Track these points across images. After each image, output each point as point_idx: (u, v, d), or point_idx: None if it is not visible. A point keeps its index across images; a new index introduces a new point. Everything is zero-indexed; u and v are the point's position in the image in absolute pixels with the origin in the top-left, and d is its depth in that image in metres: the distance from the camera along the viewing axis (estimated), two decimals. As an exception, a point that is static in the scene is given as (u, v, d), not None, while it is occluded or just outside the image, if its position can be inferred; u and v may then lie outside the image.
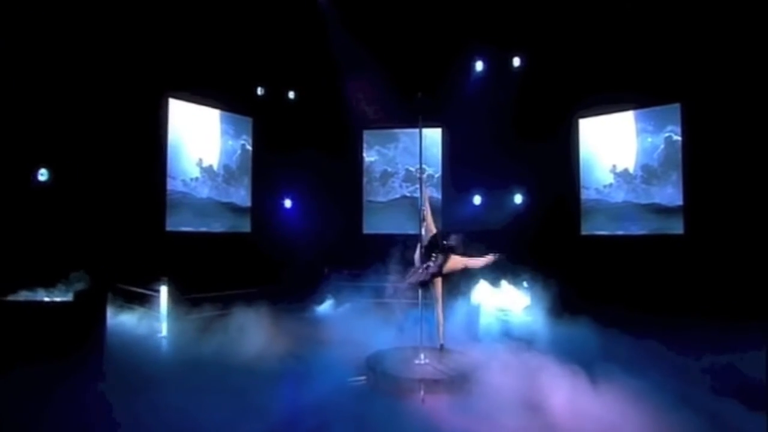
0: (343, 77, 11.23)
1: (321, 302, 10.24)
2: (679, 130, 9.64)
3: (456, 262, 6.45)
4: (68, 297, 6.06)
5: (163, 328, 7.95)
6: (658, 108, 9.85)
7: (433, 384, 5.65)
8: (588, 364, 5.80)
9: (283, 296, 9.63)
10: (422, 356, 6.26)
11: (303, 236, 11.46)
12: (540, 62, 10.77)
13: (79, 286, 6.32)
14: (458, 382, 5.76)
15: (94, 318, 5.93)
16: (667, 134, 9.77)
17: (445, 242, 6.48)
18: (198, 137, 10.68)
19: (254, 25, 10.56)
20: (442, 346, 6.52)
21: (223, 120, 11.23)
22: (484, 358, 6.31)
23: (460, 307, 8.58)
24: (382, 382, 5.86)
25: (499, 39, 10.69)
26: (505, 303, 9.01)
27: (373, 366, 6.11)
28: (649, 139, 9.99)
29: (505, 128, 10.76)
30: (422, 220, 6.66)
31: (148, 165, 9.61)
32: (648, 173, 10.02)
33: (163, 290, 8.20)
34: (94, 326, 5.90)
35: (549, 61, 10.66)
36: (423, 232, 6.63)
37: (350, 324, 8.34)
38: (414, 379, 5.71)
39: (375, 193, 12.52)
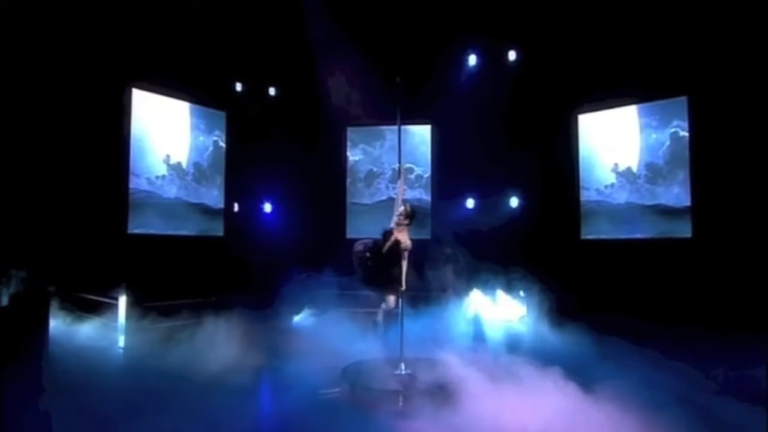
0: (325, 70, 11.00)
1: (298, 311, 10.06)
2: (686, 125, 9.45)
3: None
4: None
5: (121, 340, 7.68)
6: (663, 101, 9.68)
7: (412, 396, 5.58)
8: (587, 376, 5.71)
9: (258, 305, 9.41)
10: (402, 366, 6.20)
11: (281, 241, 11.23)
12: (537, 55, 10.68)
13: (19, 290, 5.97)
14: (440, 394, 5.66)
15: (32, 325, 5.42)
16: (673, 129, 9.60)
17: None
18: (165, 132, 10.37)
19: (228, 10, 10.37)
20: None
21: (193, 113, 10.93)
22: (470, 369, 6.16)
23: (453, 317, 8.67)
24: (356, 393, 5.79)
25: (493, 31, 10.62)
26: (501, 313, 9.30)
27: (348, 377, 6.06)
28: (654, 135, 9.83)
29: (500, 126, 10.67)
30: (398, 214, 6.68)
31: (108, 161, 9.29)
32: (653, 172, 9.86)
33: (122, 298, 7.91)
34: (32, 334, 5.38)
35: (546, 53, 10.56)
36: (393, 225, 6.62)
37: (328, 334, 8.22)
38: (391, 390, 5.67)
39: (359, 195, 12.31)
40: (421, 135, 12.04)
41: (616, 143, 10.34)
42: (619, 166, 10.32)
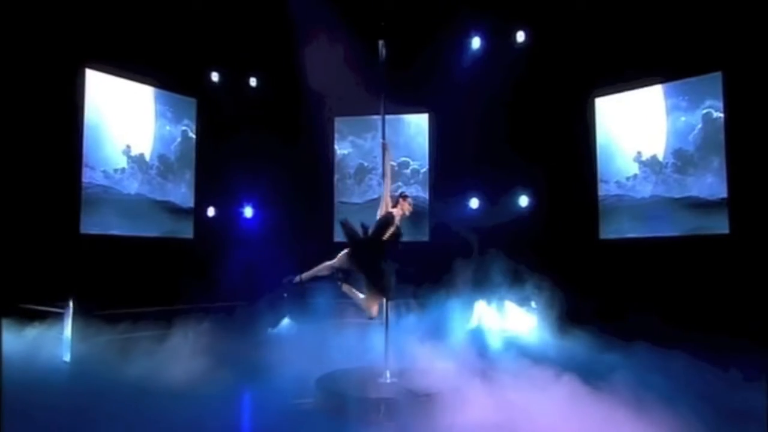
0: (309, 55, 10.68)
1: (276, 323, 9.98)
2: (720, 105, 9.11)
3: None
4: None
5: (67, 353, 7.47)
6: (693, 79, 9.38)
7: (395, 405, 5.52)
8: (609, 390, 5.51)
9: (231, 315, 9.58)
10: (387, 374, 6.15)
11: (259, 244, 11.03)
12: (547, 34, 10.53)
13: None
14: (426, 403, 5.59)
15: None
16: (705, 111, 9.26)
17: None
18: (125, 119, 10.09)
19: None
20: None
21: (158, 99, 10.65)
22: (463, 379, 6.11)
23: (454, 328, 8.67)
24: (332, 402, 5.75)
25: (499, 9, 10.58)
26: (509, 324, 9.44)
27: (324, 386, 6.03)
28: (683, 118, 9.50)
29: (507, 114, 10.58)
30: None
31: (57, 151, 9.01)
32: (682, 160, 9.51)
33: (70, 306, 7.71)
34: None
35: (558, 31, 10.39)
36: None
37: (307, 346, 8.15)
38: (372, 399, 5.61)
39: (349, 193, 12.13)
40: (417, 125, 11.87)
41: (639, 129, 10.09)
42: (642, 155, 10.03)
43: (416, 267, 8.23)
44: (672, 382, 5.84)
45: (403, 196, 6.22)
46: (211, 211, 11.32)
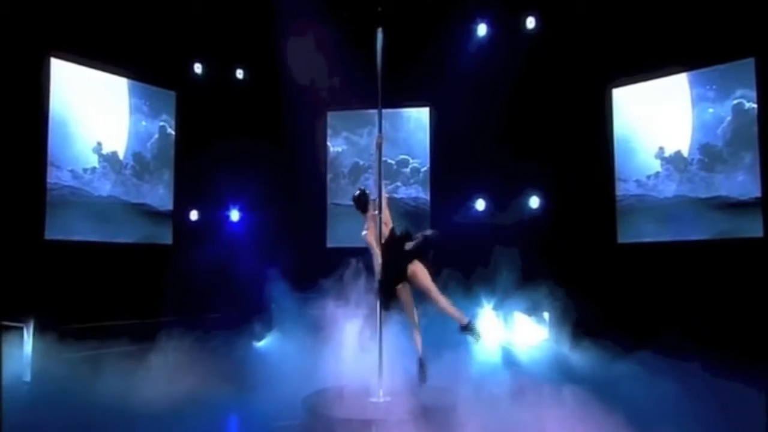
0: (299, 44, 10.68)
1: (262, 336, 9.87)
2: (753, 94, 8.89)
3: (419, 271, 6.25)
4: None
5: (28, 373, 7.42)
6: (722, 66, 9.17)
7: (388, 427, 5.48)
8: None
9: (214, 328, 9.50)
10: (381, 393, 6.10)
11: (245, 251, 10.98)
12: (560, 19, 10.43)
13: None
14: (423, 425, 5.48)
15: None
16: (736, 101, 9.04)
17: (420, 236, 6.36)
18: (96, 114, 9.87)
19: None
20: (421, 360, 6.35)
21: (133, 92, 10.46)
22: (465, 397, 6.13)
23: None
24: (319, 424, 5.73)
25: None
26: (518, 336, 9.38)
27: (312, 406, 6.02)
28: (711, 110, 9.32)
29: (515, 107, 10.49)
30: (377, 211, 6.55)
31: (19, 148, 8.70)
32: (710, 156, 9.32)
33: (31, 321, 7.65)
34: None
35: (572, 16, 10.26)
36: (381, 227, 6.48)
37: (296, 361, 8.11)
38: (362, 420, 5.58)
39: (343, 194, 11.86)
40: (417, 119, 11.74)
41: (661, 122, 9.93)
42: (665, 151, 9.89)
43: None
44: (701, 406, 5.72)
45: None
46: (194, 215, 11.17)
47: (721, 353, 7.15)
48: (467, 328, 6.17)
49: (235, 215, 11.61)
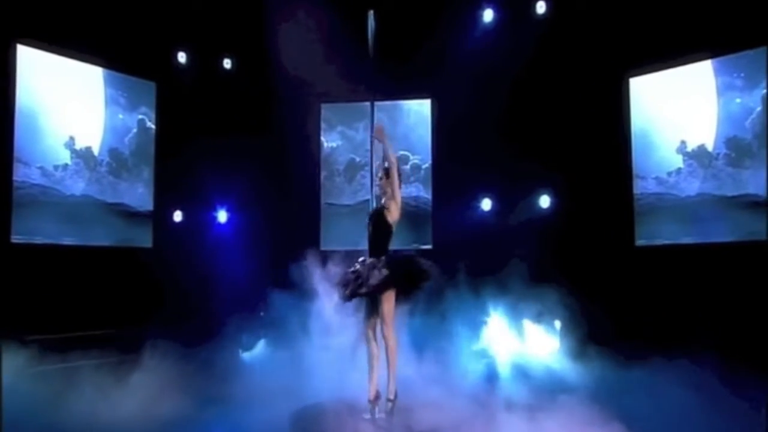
0: (290, 31, 10.71)
1: (250, 346, 10.02)
2: None
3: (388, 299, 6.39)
4: None
5: None
6: (750, 52, 8.81)
7: None
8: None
9: (198, 338, 9.43)
10: (375, 409, 6.24)
11: (232, 254, 10.95)
12: (573, 4, 10.27)
13: None
14: None
15: None
16: (766, 90, 8.82)
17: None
18: (68, 106, 9.66)
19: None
20: (391, 401, 6.35)
21: (109, 82, 10.22)
22: (466, 414, 6.33)
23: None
24: None
25: None
26: (527, 347, 9.45)
27: (300, 423, 6.20)
28: (738, 100, 9.04)
29: (524, 99, 10.44)
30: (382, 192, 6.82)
31: None
32: (737, 150, 9.04)
33: None
34: None
35: (585, 1, 10.11)
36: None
37: (284, 374, 8.14)
38: None
39: (338, 193, 11.95)
40: (418, 112, 11.59)
41: (683, 114, 9.69)
42: (687, 145, 9.63)
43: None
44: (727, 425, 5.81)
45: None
46: (178, 216, 11.07)
47: (749, 367, 6.98)
48: (389, 401, 6.27)
49: (222, 216, 11.54)
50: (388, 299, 6.24)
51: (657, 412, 6.25)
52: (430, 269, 6.47)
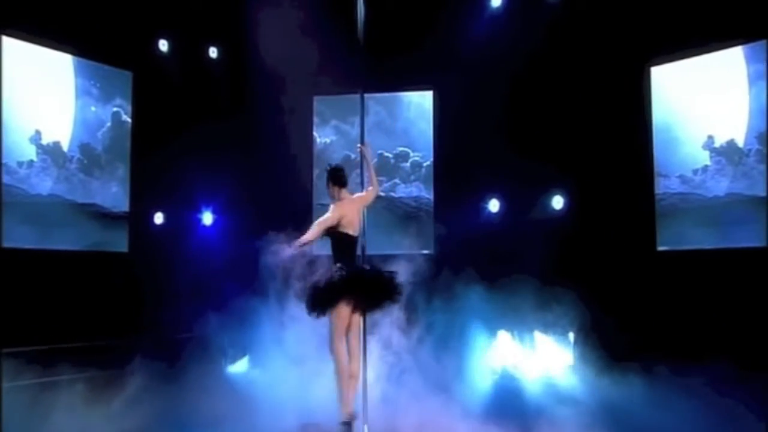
0: (281, 19, 10.53)
1: (235, 359, 9.92)
2: None
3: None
4: None
5: None
6: None
7: None
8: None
9: (178, 350, 9.48)
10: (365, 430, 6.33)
11: (215, 260, 10.83)
12: None
13: None
14: None
15: None
16: None
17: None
18: (34, 97, 9.51)
19: None
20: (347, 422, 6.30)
21: (79, 71, 10.05)
22: None
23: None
24: None
25: None
26: (539, 362, 9.34)
27: None
28: None
29: (534, 91, 10.38)
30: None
31: None
32: None
33: None
34: None
35: None
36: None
37: (269, 392, 8.05)
38: None
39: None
40: (418, 105, 11.48)
41: (710, 106, 9.53)
42: (715, 140, 9.49)
43: (417, 287, 7.94)
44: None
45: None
46: (158, 218, 10.97)
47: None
48: (344, 424, 6.24)
49: (207, 218, 11.40)
50: (337, 312, 6.26)
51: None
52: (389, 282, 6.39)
